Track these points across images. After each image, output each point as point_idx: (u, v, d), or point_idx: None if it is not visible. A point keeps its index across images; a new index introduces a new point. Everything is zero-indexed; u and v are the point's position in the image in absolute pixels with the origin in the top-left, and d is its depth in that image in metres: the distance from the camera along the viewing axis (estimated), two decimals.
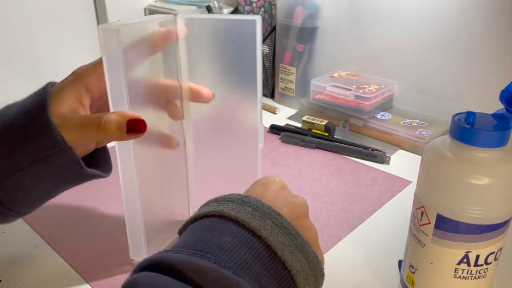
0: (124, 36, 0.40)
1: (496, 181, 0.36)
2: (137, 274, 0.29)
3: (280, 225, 0.33)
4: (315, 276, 0.34)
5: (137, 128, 0.41)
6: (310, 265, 0.33)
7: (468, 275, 0.40)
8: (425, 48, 0.82)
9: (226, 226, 0.33)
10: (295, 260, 0.32)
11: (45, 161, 0.41)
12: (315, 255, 0.34)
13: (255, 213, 0.33)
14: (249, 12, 1.01)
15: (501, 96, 0.38)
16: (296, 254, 0.32)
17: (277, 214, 0.34)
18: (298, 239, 0.33)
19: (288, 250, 0.32)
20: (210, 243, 0.31)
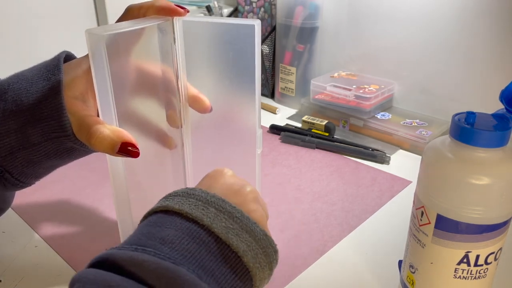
0: (111, 42, 0.39)
1: (496, 181, 0.36)
2: (81, 270, 0.30)
3: (224, 211, 0.35)
4: (266, 253, 0.35)
5: (129, 153, 0.41)
6: (259, 243, 0.35)
7: (468, 275, 0.40)
8: (425, 48, 0.82)
9: (170, 220, 0.34)
10: (240, 241, 0.34)
11: (54, 141, 0.43)
12: (264, 233, 0.35)
13: (199, 203, 0.35)
14: (249, 12, 1.01)
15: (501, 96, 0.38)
16: (242, 236, 0.34)
17: (221, 201, 0.35)
18: (244, 221, 0.35)
19: (232, 233, 0.34)
20: (153, 237, 0.33)
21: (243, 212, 0.35)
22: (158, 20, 0.45)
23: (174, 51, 0.48)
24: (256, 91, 0.47)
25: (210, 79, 0.51)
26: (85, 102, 0.43)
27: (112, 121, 0.41)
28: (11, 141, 0.42)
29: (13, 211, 0.61)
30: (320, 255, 0.54)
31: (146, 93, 0.47)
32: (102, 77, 0.39)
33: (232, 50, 0.47)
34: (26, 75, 0.44)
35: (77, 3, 1.04)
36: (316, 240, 0.57)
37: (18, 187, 0.47)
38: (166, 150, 0.52)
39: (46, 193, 0.66)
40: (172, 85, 0.49)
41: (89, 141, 0.41)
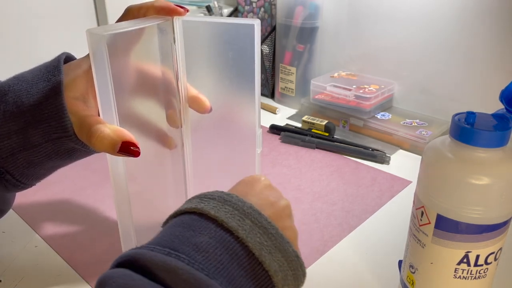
0: (112, 42, 0.39)
1: (496, 181, 0.36)
2: (111, 270, 0.29)
3: (260, 225, 0.33)
4: (296, 276, 0.34)
5: (130, 153, 0.40)
6: (290, 265, 0.33)
7: (468, 275, 0.40)
8: (425, 48, 0.82)
9: (205, 225, 0.33)
10: (273, 260, 0.32)
11: (55, 142, 0.43)
12: (296, 255, 0.34)
13: (235, 212, 0.33)
14: (249, 12, 1.01)
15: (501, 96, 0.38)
16: (274, 254, 0.33)
17: (257, 214, 0.34)
18: (278, 239, 0.33)
19: (266, 251, 0.32)
20: (186, 242, 0.31)
21: (278, 229, 0.34)
22: (158, 20, 0.45)
23: (174, 51, 0.48)
24: (256, 90, 0.47)
25: (209, 79, 0.51)
26: (86, 102, 0.43)
27: (113, 120, 0.41)
28: (12, 143, 0.42)
29: (13, 211, 0.61)
30: (320, 255, 0.54)
31: (146, 93, 0.47)
32: (103, 77, 0.39)
33: (232, 50, 0.47)
34: (26, 76, 0.44)
35: (77, 3, 1.04)
36: (316, 240, 0.57)
37: (19, 189, 0.47)
38: (166, 150, 0.52)
39: (46, 193, 0.66)
40: (172, 86, 0.49)
41: (90, 140, 0.41)
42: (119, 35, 0.40)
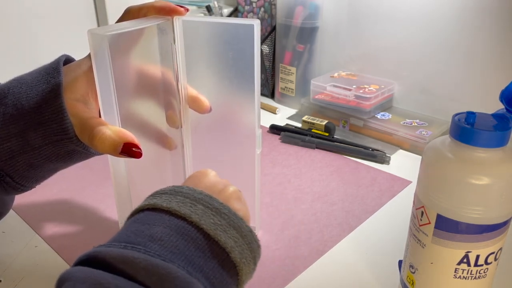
0: (114, 42, 0.39)
1: (496, 181, 0.36)
2: (70, 268, 0.30)
3: (212, 207, 0.35)
4: (251, 248, 0.36)
5: (131, 154, 0.41)
6: (245, 239, 0.35)
7: (468, 275, 0.40)
8: (425, 48, 0.82)
9: (158, 217, 0.34)
10: (228, 237, 0.34)
11: (56, 144, 0.43)
12: (249, 230, 0.36)
13: (186, 200, 0.35)
14: (249, 12, 1.01)
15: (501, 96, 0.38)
16: (229, 232, 0.35)
17: (208, 198, 0.36)
18: (231, 217, 0.35)
19: (220, 229, 0.34)
20: (141, 235, 0.33)
21: (230, 209, 0.36)
22: (158, 20, 0.45)
23: (174, 51, 0.48)
24: (256, 90, 0.47)
25: (209, 79, 0.51)
26: (87, 104, 0.43)
27: (114, 121, 0.41)
28: (12, 145, 0.42)
29: (13, 211, 0.61)
30: (320, 255, 0.54)
31: (146, 94, 0.47)
32: (105, 77, 0.39)
33: (232, 50, 0.47)
34: (26, 79, 0.44)
35: (77, 3, 1.04)
36: (316, 240, 0.57)
37: (19, 191, 0.47)
38: (166, 151, 0.52)
39: (46, 193, 0.66)
40: (172, 86, 0.49)
41: (92, 142, 0.41)
42: (121, 35, 0.40)
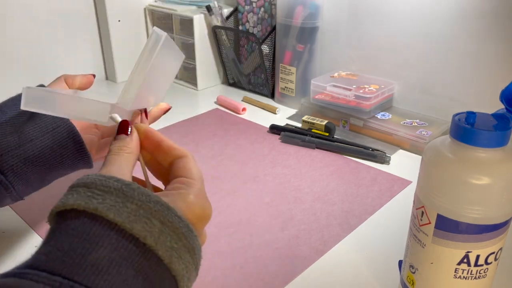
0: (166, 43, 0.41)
1: (496, 181, 0.36)
2: None
3: (170, 225, 0.29)
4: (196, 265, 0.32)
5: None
6: (195, 261, 0.31)
7: (468, 275, 0.40)
8: (425, 48, 0.82)
9: (102, 233, 0.27)
10: (181, 263, 0.29)
11: (52, 133, 0.44)
12: (199, 247, 0.32)
13: (140, 212, 0.28)
14: (249, 12, 1.01)
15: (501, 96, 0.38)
16: (184, 256, 0.29)
17: (166, 209, 0.29)
18: (188, 237, 0.30)
19: (176, 256, 0.29)
20: (81, 263, 0.25)
21: (189, 224, 0.30)
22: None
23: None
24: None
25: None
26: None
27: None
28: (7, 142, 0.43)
29: (13, 211, 0.61)
30: (320, 255, 0.54)
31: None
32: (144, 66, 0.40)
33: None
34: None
35: (77, 3, 1.04)
36: (316, 240, 0.57)
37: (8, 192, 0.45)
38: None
39: (46, 193, 0.65)
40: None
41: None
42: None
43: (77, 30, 1.05)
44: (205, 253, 0.54)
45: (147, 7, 1.11)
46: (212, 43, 1.07)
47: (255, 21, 1.01)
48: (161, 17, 1.12)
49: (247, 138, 0.84)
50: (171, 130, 0.87)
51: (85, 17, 1.06)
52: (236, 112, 0.95)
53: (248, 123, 0.90)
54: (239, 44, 1.06)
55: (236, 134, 0.85)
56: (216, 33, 1.04)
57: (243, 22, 1.04)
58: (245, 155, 0.77)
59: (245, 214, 0.62)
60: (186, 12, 1.04)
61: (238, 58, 1.07)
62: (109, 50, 1.08)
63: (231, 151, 0.79)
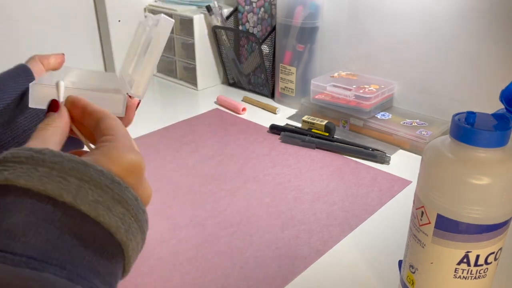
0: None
1: (496, 181, 0.36)
2: None
3: (89, 179, 0.28)
4: (137, 219, 0.30)
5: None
6: (131, 212, 0.29)
7: (468, 275, 0.40)
8: (425, 48, 0.82)
9: (15, 201, 0.26)
10: (113, 216, 0.28)
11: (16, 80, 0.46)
12: (135, 198, 0.30)
13: (53, 172, 0.27)
14: (249, 12, 1.01)
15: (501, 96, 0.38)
16: (114, 208, 0.28)
17: (82, 165, 0.28)
18: (115, 189, 0.29)
19: (102, 209, 0.27)
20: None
21: (113, 177, 0.29)
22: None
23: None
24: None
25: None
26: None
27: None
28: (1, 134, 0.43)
29: None
30: (320, 255, 0.54)
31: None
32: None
33: None
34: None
35: (77, 3, 1.04)
36: (316, 240, 0.57)
37: None
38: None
39: None
40: None
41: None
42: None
43: (77, 30, 1.05)
44: (205, 253, 0.55)
45: (147, 7, 1.11)
46: (212, 43, 1.07)
47: (255, 21, 1.01)
48: None
49: (247, 138, 0.84)
50: (171, 130, 0.87)
51: (85, 17, 1.06)
52: (236, 112, 0.95)
53: (248, 123, 0.90)
54: (239, 44, 1.06)
55: (236, 134, 0.85)
56: (216, 33, 1.04)
57: (243, 22, 1.04)
58: (245, 155, 0.77)
59: (245, 214, 0.62)
60: (186, 12, 1.04)
61: (238, 58, 1.07)
62: (109, 50, 1.08)
63: (231, 151, 0.79)
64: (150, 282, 0.50)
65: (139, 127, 0.86)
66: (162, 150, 0.79)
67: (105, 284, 0.27)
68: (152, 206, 0.67)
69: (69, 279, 0.25)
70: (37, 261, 0.24)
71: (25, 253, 0.24)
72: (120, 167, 0.30)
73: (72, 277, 0.25)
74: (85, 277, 0.26)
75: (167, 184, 0.69)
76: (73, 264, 0.25)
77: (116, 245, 0.29)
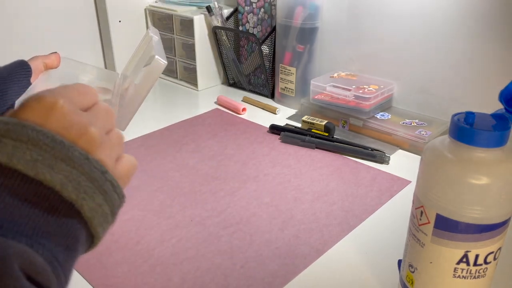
0: None
1: (495, 181, 0.36)
2: None
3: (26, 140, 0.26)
4: (92, 178, 0.28)
5: None
6: (80, 170, 0.28)
7: (468, 274, 0.40)
8: (425, 48, 0.82)
9: None
10: (56, 174, 0.27)
11: None
12: (86, 157, 0.28)
13: None
14: (249, 13, 1.01)
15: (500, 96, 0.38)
16: (56, 166, 0.27)
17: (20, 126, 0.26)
18: (57, 147, 0.27)
19: (42, 167, 0.26)
20: None
21: (54, 135, 0.27)
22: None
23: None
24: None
25: None
26: None
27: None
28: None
29: None
30: (320, 254, 0.54)
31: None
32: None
33: None
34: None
35: (77, 3, 1.04)
36: (316, 239, 0.57)
37: None
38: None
39: None
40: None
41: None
42: None
43: (78, 30, 1.06)
44: (205, 252, 0.55)
45: (148, 7, 1.11)
46: (212, 43, 1.07)
47: (255, 21, 1.01)
48: (161, 18, 1.12)
49: (247, 138, 0.84)
50: (172, 130, 0.87)
51: (86, 17, 1.06)
52: (236, 112, 0.95)
53: (248, 123, 0.90)
54: (239, 44, 1.06)
55: (236, 134, 0.85)
56: (216, 34, 1.04)
57: (243, 22, 1.04)
58: (245, 155, 0.78)
59: (245, 214, 0.62)
60: (186, 12, 1.04)
61: (238, 58, 1.07)
62: (109, 51, 1.09)
63: (231, 151, 0.79)
64: (150, 282, 0.50)
65: (140, 127, 0.87)
66: (162, 150, 0.79)
67: (58, 245, 0.26)
68: (153, 206, 0.68)
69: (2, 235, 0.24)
70: None
71: None
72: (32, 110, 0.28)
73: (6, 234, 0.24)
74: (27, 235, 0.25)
75: (167, 184, 0.69)
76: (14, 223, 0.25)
77: (68, 204, 0.27)
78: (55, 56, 0.56)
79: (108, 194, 0.29)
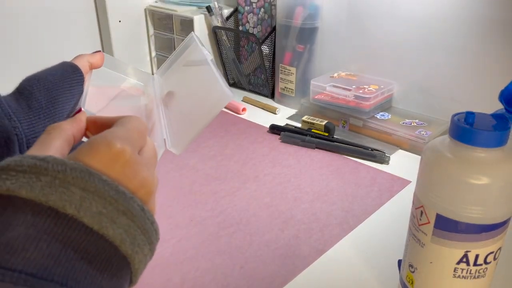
0: None
1: (495, 181, 0.36)
2: None
3: (93, 190, 0.26)
4: (144, 230, 0.29)
5: None
6: (137, 223, 0.28)
7: (468, 274, 0.40)
8: (425, 48, 0.82)
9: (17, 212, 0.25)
10: (117, 228, 0.27)
11: None
12: (142, 208, 0.29)
13: (55, 182, 0.26)
14: (249, 13, 1.01)
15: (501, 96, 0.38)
16: (118, 220, 0.27)
17: (87, 174, 0.26)
18: (120, 200, 0.27)
19: (106, 221, 0.26)
20: None
21: (117, 186, 0.27)
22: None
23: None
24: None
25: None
26: None
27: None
28: None
29: None
30: (320, 255, 0.54)
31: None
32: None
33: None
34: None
35: (77, 3, 1.04)
36: (316, 239, 0.57)
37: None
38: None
39: None
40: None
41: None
42: None
43: (78, 31, 1.06)
44: (205, 252, 0.55)
45: (148, 7, 1.11)
46: (212, 43, 1.07)
47: (255, 21, 1.01)
48: (161, 18, 1.12)
49: (247, 138, 0.84)
50: None
51: (86, 17, 1.06)
52: (236, 112, 0.95)
53: (248, 123, 0.90)
54: (239, 44, 1.06)
55: (236, 134, 0.85)
56: (216, 34, 1.04)
57: (243, 22, 1.04)
58: (245, 155, 0.78)
59: (245, 214, 0.62)
60: (186, 12, 1.04)
61: (238, 58, 1.07)
62: (109, 51, 1.09)
63: (231, 151, 0.79)
64: (150, 282, 0.50)
65: None
66: None
67: None
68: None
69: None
70: (36, 278, 0.23)
71: (24, 269, 0.23)
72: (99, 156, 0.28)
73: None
74: None
75: (167, 184, 0.69)
76: (75, 280, 0.24)
77: (122, 258, 0.27)
78: (100, 55, 0.53)
79: (154, 244, 0.30)
